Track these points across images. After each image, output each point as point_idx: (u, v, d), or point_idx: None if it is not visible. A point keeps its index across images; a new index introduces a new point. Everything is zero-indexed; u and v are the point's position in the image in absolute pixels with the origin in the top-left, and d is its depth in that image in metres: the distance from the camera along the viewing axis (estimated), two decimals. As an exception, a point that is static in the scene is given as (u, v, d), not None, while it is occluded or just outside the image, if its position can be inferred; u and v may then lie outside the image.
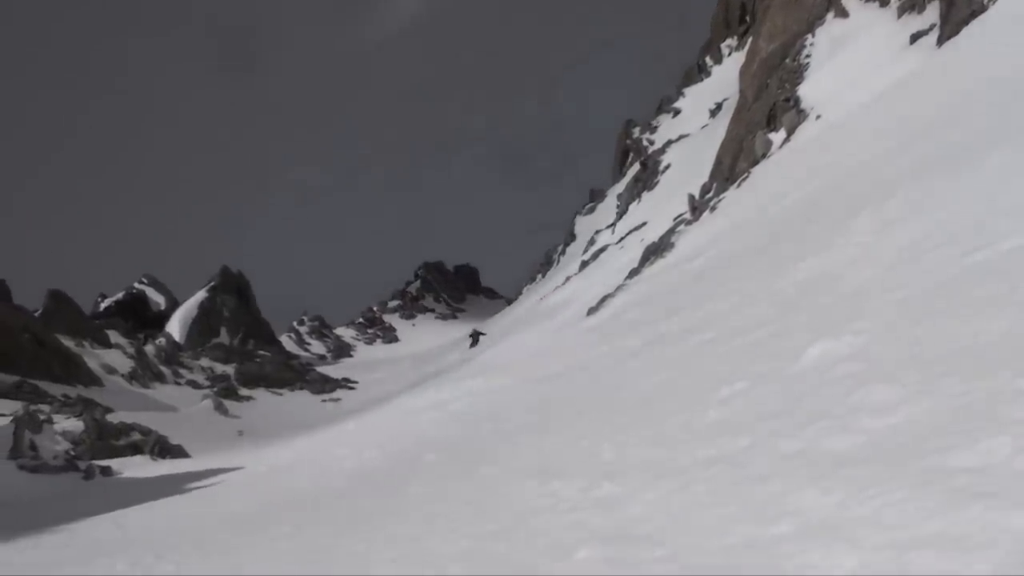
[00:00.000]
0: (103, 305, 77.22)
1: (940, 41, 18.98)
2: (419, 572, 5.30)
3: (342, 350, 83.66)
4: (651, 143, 58.60)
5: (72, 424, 24.22)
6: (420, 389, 32.88)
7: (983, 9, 17.57)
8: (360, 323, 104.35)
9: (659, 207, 39.31)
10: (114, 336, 45.53)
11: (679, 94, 62.59)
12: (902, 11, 22.93)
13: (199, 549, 8.86)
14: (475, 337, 53.17)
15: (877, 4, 24.53)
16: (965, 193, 8.22)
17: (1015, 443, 3.38)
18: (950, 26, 18.63)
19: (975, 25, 17.27)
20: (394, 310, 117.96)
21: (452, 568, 5.11)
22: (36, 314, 44.46)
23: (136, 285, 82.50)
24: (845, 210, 11.41)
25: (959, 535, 2.91)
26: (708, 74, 59.61)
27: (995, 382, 4.08)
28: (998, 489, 3.10)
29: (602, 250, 45.34)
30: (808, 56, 25.87)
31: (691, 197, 29.08)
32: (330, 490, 11.39)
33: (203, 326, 60.32)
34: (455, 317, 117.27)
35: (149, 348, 43.30)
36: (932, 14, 21.05)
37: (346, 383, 47.68)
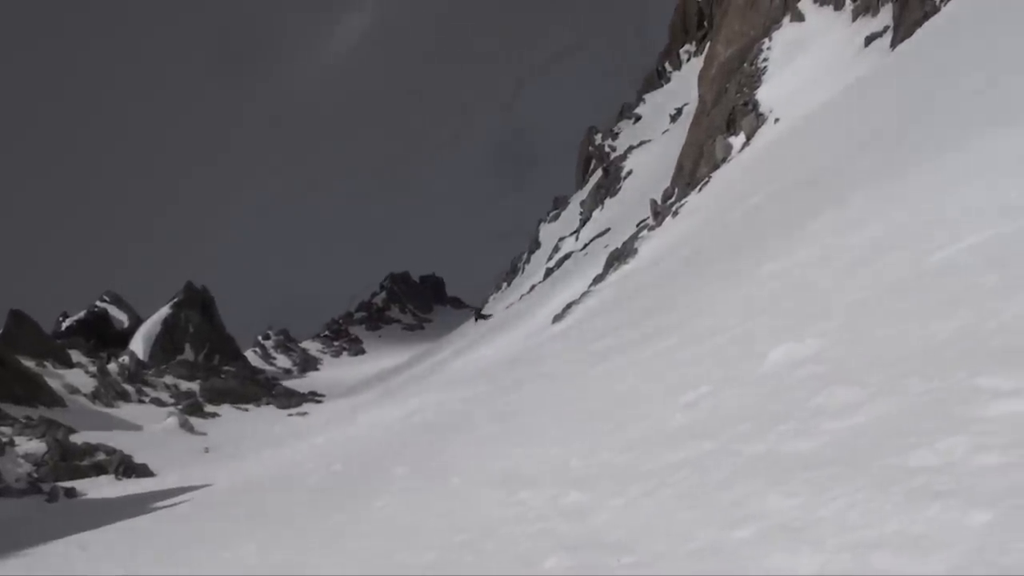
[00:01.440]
0: (64, 324, 76.34)
1: (894, 43, 19.24)
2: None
3: (308, 364, 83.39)
4: (613, 149, 58.93)
5: (34, 446, 23.91)
6: (388, 401, 32.79)
7: (936, 11, 17.83)
8: (326, 336, 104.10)
9: (622, 213, 39.51)
10: (76, 355, 45.05)
11: (640, 100, 62.99)
12: (856, 14, 23.22)
13: (164, 569, 8.78)
14: (483, 316, 53.11)
15: (832, 8, 24.82)
16: (924, 193, 8.32)
17: (973, 442, 3.42)
18: (904, 28, 18.89)
19: (928, 26, 17.52)
20: (360, 322, 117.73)
21: (420, 581, 5.11)
22: (-4, 335, 43.88)
23: (98, 303, 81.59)
24: (805, 212, 11.52)
25: (918, 534, 2.94)
26: (668, 80, 60.05)
27: (953, 381, 4.13)
28: (956, 487, 3.13)
29: (566, 257, 45.49)
30: (765, 60, 26.12)
31: (653, 202, 29.24)
32: (298, 505, 11.32)
33: (167, 343, 59.82)
34: (422, 327, 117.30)
35: (112, 367, 42.88)
36: (886, 16, 21.33)
37: (313, 397, 47.47)
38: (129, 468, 23.33)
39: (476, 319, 52.01)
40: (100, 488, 21.24)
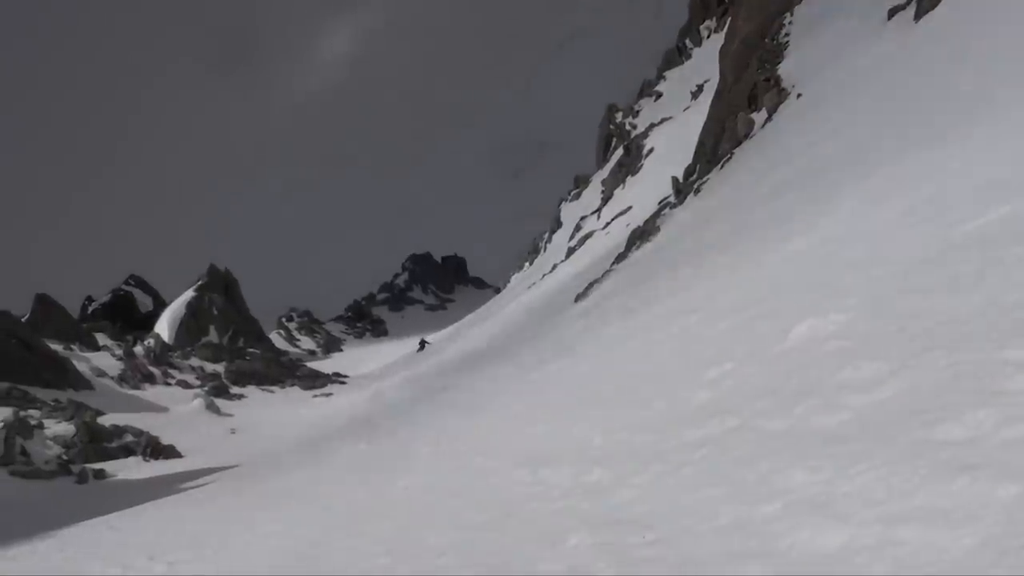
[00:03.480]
0: (90, 308, 77.02)
1: (917, 16, 18.98)
2: (411, 564, 5.30)
3: (332, 345, 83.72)
4: (634, 127, 58.61)
5: (63, 428, 24.12)
6: (417, 381, 32.89)
7: (960, -18, 17.56)
8: (349, 317, 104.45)
9: (644, 191, 39.36)
10: (102, 339, 45.41)
11: (660, 77, 62.61)
12: (879, -13, 22.92)
13: (192, 549, 8.84)
14: (421, 345, 55.58)
15: (854, -20, 24.52)
16: (950, 167, 8.22)
17: (1000, 414, 3.38)
18: (927, 1, 18.63)
19: (952, -1, 17.27)
20: (383, 303, 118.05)
21: (443, 560, 5.11)
22: (23, 319, 44.25)
23: (123, 287, 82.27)
24: (829, 187, 11.43)
25: (946, 508, 2.91)
26: (688, 56, 59.63)
27: (979, 355, 4.08)
28: (984, 461, 3.10)
29: (588, 236, 45.39)
30: (787, 35, 25.87)
31: (675, 180, 29.09)
32: (323, 484, 11.38)
33: (192, 325, 60.18)
34: (444, 308, 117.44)
35: (138, 349, 43.15)
36: (909, -11, 21.05)
37: (337, 378, 47.65)
38: (156, 450, 23.51)
39: (419, 350, 55.79)
40: (128, 469, 21.43)
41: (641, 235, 25.12)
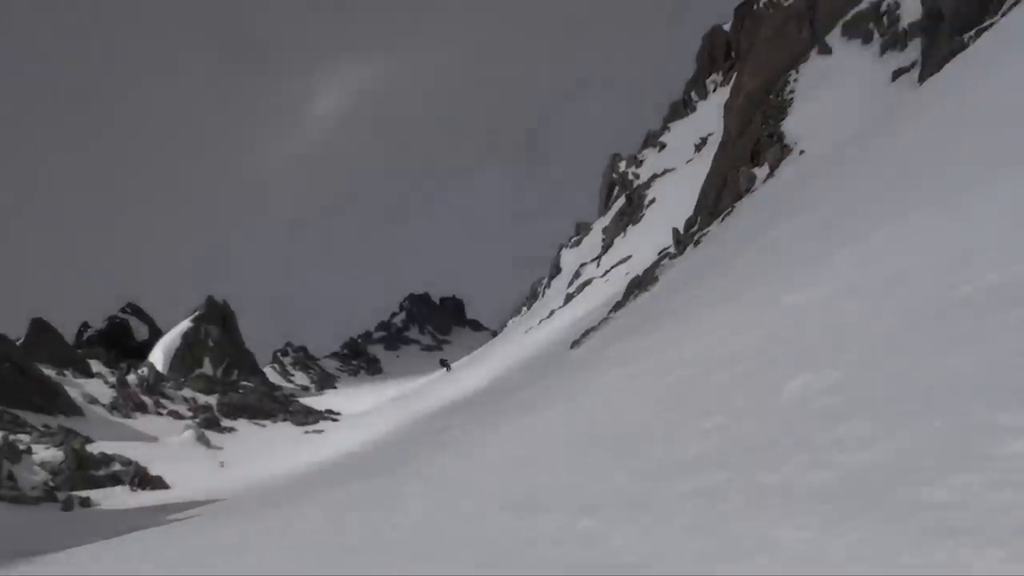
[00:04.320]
0: (86, 334, 76.92)
1: (922, 78, 19.21)
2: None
3: (326, 381, 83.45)
4: (637, 177, 58.93)
5: (51, 454, 24.04)
6: (411, 421, 32.80)
7: (964, 47, 17.80)
8: (344, 354, 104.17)
9: (644, 241, 39.49)
10: (96, 366, 45.33)
11: (664, 128, 63.02)
12: (884, 48, 23.22)
13: (177, 581, 8.79)
14: (446, 367, 55.78)
15: (860, 42, 24.82)
16: (949, 228, 8.29)
17: (988, 478, 3.41)
18: (931, 63, 18.86)
19: (956, 62, 17.48)
20: (379, 341, 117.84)
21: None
22: (18, 343, 44.19)
23: (119, 314, 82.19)
24: (828, 244, 11.49)
25: (931, 571, 2.93)
26: (693, 109, 60.06)
27: (971, 417, 4.11)
28: (972, 525, 3.12)
29: (587, 283, 45.48)
30: (792, 92, 26.12)
31: (675, 231, 29.25)
32: (311, 521, 11.32)
33: (186, 356, 60.12)
34: (440, 349, 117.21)
35: (131, 378, 43.05)
36: (914, 51, 21.32)
37: (329, 415, 47.52)
38: (144, 479, 23.42)
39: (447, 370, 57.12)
40: (115, 499, 21.33)
41: (640, 284, 25.21)
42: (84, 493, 21.14)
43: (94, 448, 25.96)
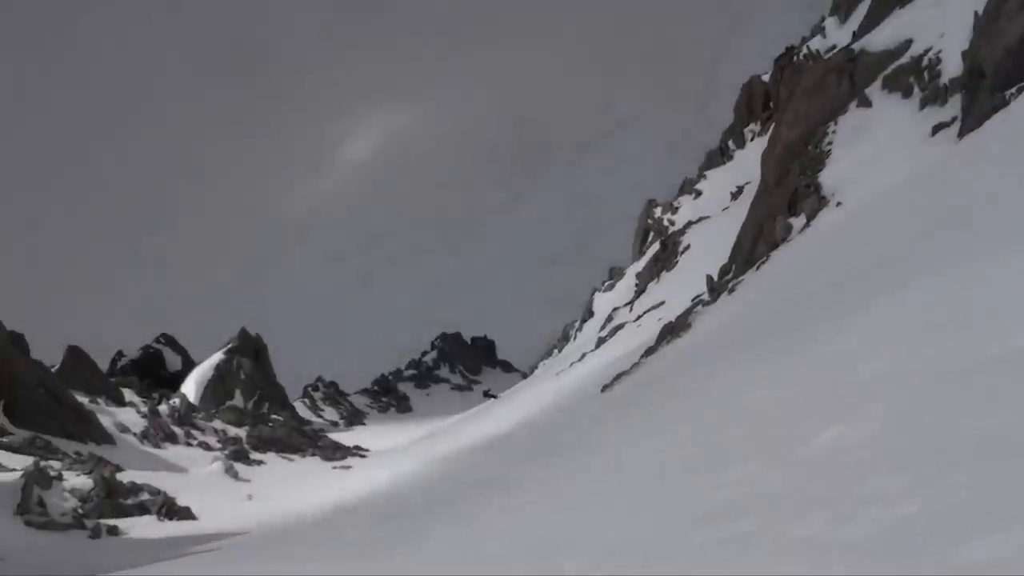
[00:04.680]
0: (120, 363, 77.52)
1: (961, 133, 19.10)
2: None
3: (355, 417, 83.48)
4: (672, 223, 58.90)
5: (81, 481, 24.15)
6: (440, 460, 32.72)
7: (1005, 104, 17.70)
8: (374, 391, 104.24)
9: (678, 287, 39.34)
10: (129, 394, 45.64)
11: (701, 176, 63.01)
12: (924, 103, 23.12)
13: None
14: (492, 396, 56.06)
15: (900, 95, 24.75)
16: (989, 282, 8.19)
17: (1022, 540, 3.33)
18: (972, 119, 18.76)
19: (997, 119, 17.38)
20: (409, 379, 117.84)
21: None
22: (53, 369, 44.59)
23: (153, 344, 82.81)
24: (862, 295, 11.39)
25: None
26: (730, 158, 60.05)
27: (1006, 474, 4.03)
28: (1006, 585, 3.04)
29: (619, 327, 45.32)
30: (830, 144, 26.05)
31: (709, 278, 29.13)
32: (336, 559, 11.29)
33: (218, 388, 60.38)
34: (470, 388, 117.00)
35: (163, 408, 43.30)
36: (954, 107, 21.22)
37: (357, 451, 47.47)
38: (172, 510, 23.45)
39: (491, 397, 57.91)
40: (142, 528, 21.36)
41: (673, 330, 25.08)
42: (112, 521, 21.20)
43: (124, 477, 26.06)
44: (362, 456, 45.69)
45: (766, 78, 56.38)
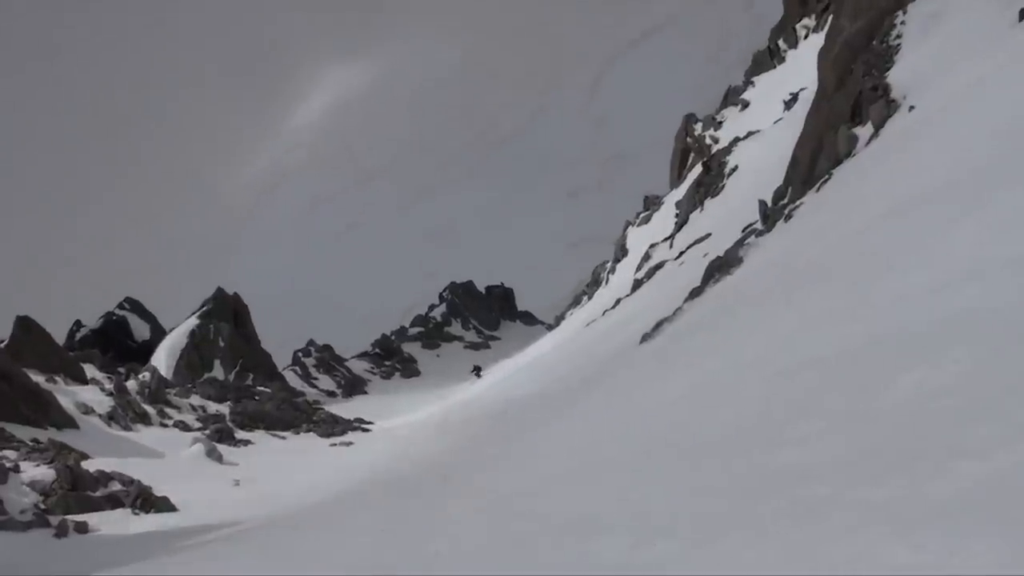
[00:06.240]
0: (79, 334, 77.96)
1: (1056, 16, 18.83)
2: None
3: (355, 386, 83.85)
4: (715, 141, 58.59)
5: (42, 473, 24.35)
6: (455, 429, 32.92)
7: (1105, -22, 17.43)
8: (376, 354, 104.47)
9: (725, 216, 39.24)
10: (91, 370, 45.90)
11: (748, 83, 62.56)
12: (1009, -18, 22.79)
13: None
14: (477, 373, 56.58)
15: (980, -26, 24.40)
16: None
17: None
18: (1067, -1, 18.49)
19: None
20: (415, 339, 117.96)
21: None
22: (1, 345, 44.91)
23: (116, 311, 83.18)
24: (942, 220, 11.32)
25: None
26: (782, 60, 59.57)
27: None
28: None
29: (658, 267, 45.29)
30: (899, 37, 25.74)
31: (762, 204, 29.00)
32: (340, 548, 11.40)
33: (193, 358, 60.81)
34: (488, 346, 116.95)
35: (131, 384, 43.57)
36: (1046, -15, 20.91)
37: (359, 424, 47.77)
38: (148, 501, 23.66)
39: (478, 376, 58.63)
40: (114, 523, 21.57)
41: (721, 267, 25.02)
42: (80, 517, 21.38)
43: (90, 465, 26.26)
44: (365, 430, 45.99)
45: (821, -38, 55.65)
